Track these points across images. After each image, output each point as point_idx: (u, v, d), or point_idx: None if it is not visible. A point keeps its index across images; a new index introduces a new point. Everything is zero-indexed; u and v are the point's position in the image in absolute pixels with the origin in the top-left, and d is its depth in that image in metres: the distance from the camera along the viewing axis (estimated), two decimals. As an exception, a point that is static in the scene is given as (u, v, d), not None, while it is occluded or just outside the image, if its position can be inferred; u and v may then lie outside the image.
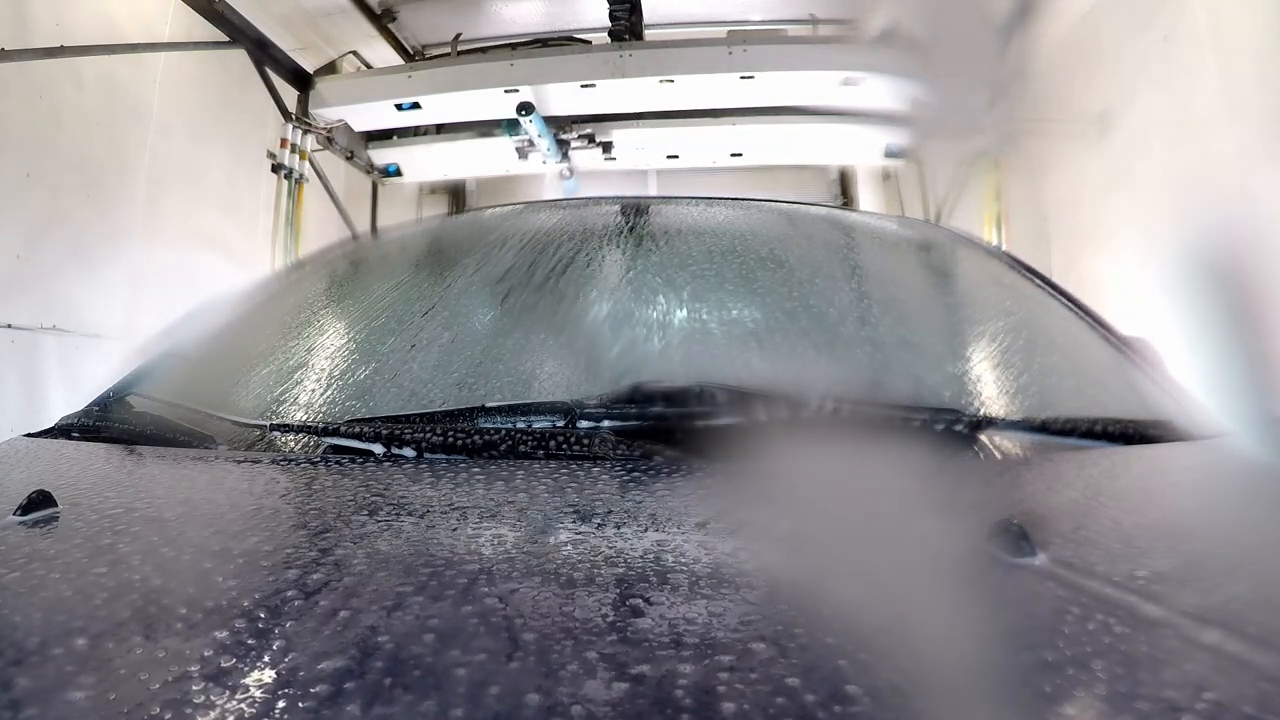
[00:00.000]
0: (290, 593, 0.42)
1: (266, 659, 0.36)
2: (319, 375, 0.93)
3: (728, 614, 0.39)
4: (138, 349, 1.12)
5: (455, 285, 1.09)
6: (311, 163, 3.92)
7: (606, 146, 4.08)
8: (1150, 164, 2.76)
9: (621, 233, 1.18)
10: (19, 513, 0.55)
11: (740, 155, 4.29)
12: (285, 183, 3.76)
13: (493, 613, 0.39)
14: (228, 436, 0.79)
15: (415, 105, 3.77)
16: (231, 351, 1.08)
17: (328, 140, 3.98)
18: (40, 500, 0.56)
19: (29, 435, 0.92)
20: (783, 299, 1.01)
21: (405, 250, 1.38)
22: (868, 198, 4.64)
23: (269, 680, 0.34)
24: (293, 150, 3.76)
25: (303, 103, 3.87)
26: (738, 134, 4.09)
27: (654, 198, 2.99)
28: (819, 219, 1.33)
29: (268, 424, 0.79)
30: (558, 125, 3.92)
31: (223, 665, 0.35)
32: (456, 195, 5.16)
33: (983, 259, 1.35)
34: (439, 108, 3.86)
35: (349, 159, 4.22)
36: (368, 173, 4.46)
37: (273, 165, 3.72)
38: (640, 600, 0.40)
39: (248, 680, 0.34)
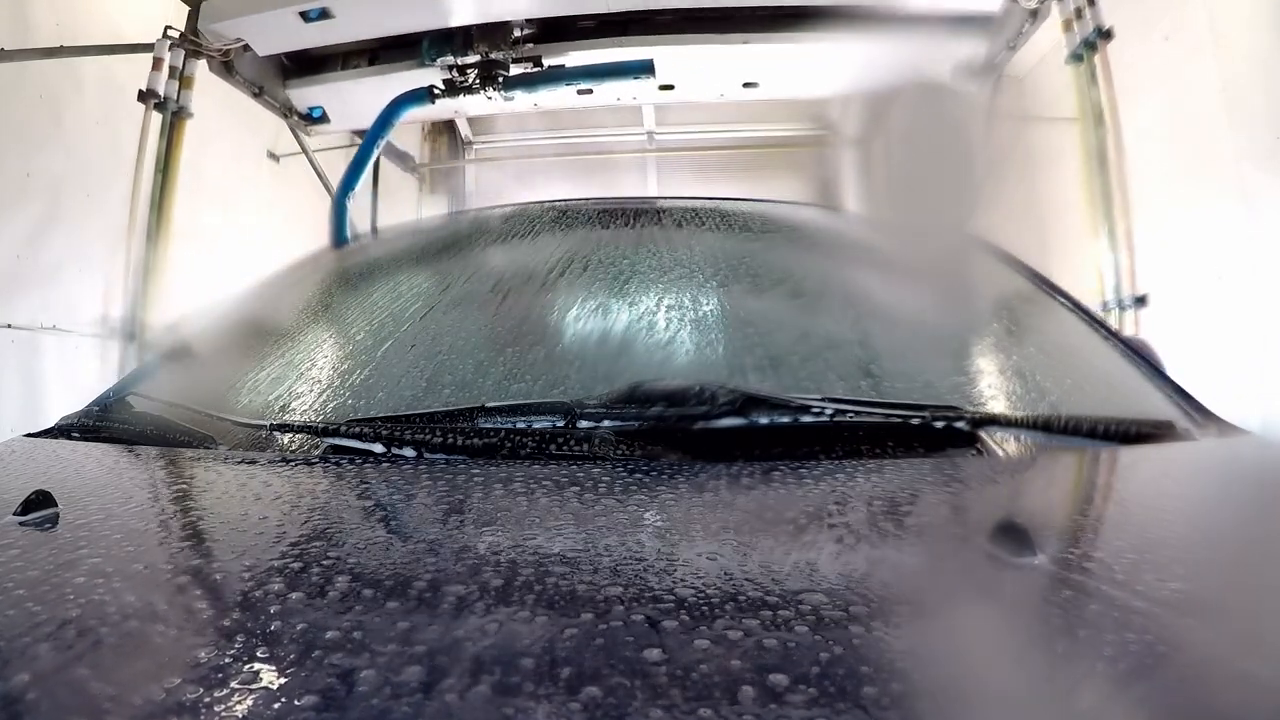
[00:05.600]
0: (287, 600, 0.42)
1: (264, 665, 0.36)
2: (319, 375, 0.93)
3: (741, 636, 0.37)
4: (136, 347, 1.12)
5: (455, 285, 1.09)
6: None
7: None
8: (1149, 164, 2.76)
9: (620, 233, 1.18)
10: (19, 513, 0.55)
11: (755, 85, 3.27)
12: (159, 115, 2.80)
13: (491, 634, 0.38)
14: (228, 436, 0.79)
15: (324, 13, 2.89)
16: (232, 351, 1.08)
17: (224, 67, 3.09)
18: (40, 500, 0.56)
19: (29, 435, 0.92)
20: (782, 298, 1.01)
21: (405, 250, 1.39)
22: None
23: (257, 694, 0.33)
24: (171, 75, 2.83)
25: (192, 19, 2.95)
26: (751, 56, 3.07)
27: (653, 199, 2.97)
28: (816, 220, 1.34)
29: (268, 424, 0.79)
30: (491, 40, 3.03)
31: (221, 667, 0.35)
32: (452, 130, 4.88)
33: (981, 259, 1.35)
34: (354, 16, 2.95)
35: (256, 95, 3.31)
36: (286, 117, 3.58)
37: (140, 92, 2.75)
38: (647, 619, 0.39)
39: (237, 689, 0.34)
